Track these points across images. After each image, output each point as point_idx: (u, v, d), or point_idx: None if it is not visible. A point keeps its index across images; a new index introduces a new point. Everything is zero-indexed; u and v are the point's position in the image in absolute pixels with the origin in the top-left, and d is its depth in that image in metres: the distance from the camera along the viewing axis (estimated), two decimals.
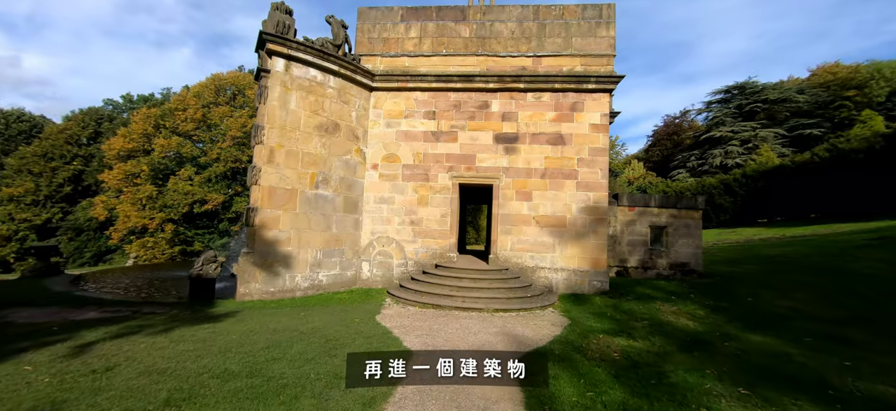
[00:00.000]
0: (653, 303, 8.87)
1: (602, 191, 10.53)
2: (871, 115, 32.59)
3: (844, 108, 39.14)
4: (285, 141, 9.66)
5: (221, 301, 9.16)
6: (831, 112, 39.49)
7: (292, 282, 9.67)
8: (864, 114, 33.08)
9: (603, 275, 10.31)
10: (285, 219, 9.60)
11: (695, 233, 12.17)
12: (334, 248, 10.43)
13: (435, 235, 10.91)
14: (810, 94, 38.97)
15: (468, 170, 10.94)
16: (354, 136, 10.93)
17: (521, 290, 9.38)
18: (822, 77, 41.74)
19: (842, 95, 39.42)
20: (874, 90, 38.45)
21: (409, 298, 9.00)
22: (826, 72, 41.93)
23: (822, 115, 39.19)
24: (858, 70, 40.26)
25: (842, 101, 39.26)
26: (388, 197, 11.12)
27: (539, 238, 10.60)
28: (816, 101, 39.30)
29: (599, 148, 10.63)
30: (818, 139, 37.41)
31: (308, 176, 9.97)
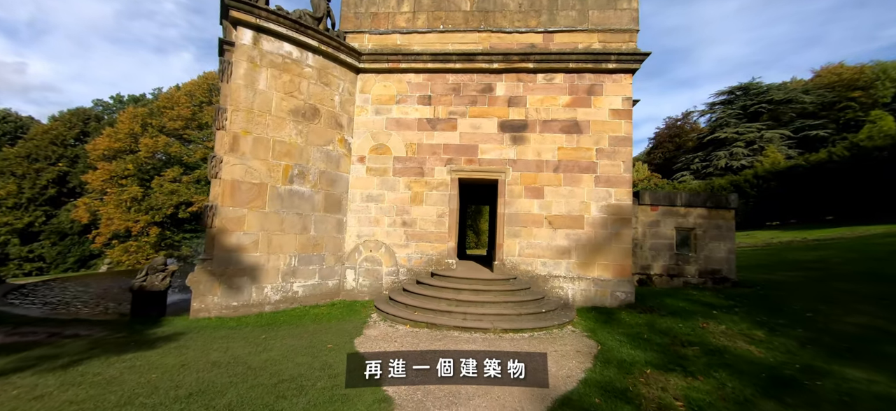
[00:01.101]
0: (694, 320, 7.17)
1: (625, 187, 8.87)
2: (882, 115, 31.07)
3: (849, 109, 37.76)
4: (253, 126, 7.98)
5: (170, 319, 7.43)
6: (836, 113, 38.09)
7: (260, 295, 7.94)
8: (873, 114, 31.55)
9: (628, 286, 8.62)
10: (252, 220, 7.90)
11: (727, 235, 10.50)
12: (312, 254, 8.72)
13: (430, 238, 9.21)
14: (816, 94, 37.53)
15: (469, 164, 9.27)
16: (337, 124, 9.25)
17: (533, 304, 7.67)
18: (827, 78, 40.37)
19: (847, 96, 38.04)
20: (880, 91, 37.08)
21: (398, 314, 7.29)
22: (830, 73, 40.57)
23: (827, 117, 37.78)
24: (863, 71, 38.92)
25: (847, 101, 37.88)
26: (377, 194, 9.43)
27: (552, 241, 8.91)
28: (821, 102, 37.88)
29: (621, 137, 8.97)
30: (824, 140, 36.00)
31: (280, 168, 8.27)
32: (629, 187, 8.87)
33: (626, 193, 8.85)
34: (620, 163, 8.92)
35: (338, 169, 9.23)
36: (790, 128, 36.89)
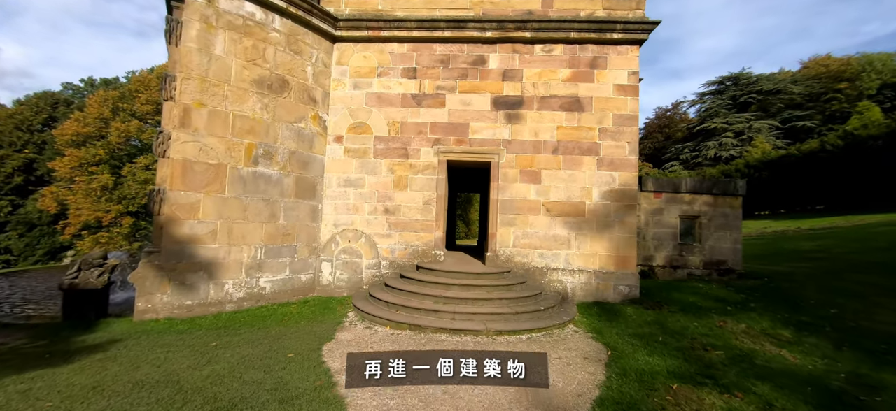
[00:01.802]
0: (709, 318, 6.36)
1: (630, 171, 7.97)
2: (869, 106, 30.94)
3: (835, 101, 37.72)
4: (208, 98, 6.79)
5: (111, 321, 6.30)
6: (822, 105, 38.03)
7: (219, 293, 6.85)
8: (861, 106, 31.40)
9: (632, 278, 7.77)
10: (208, 207, 6.76)
11: (734, 224, 9.74)
12: (282, 245, 7.63)
13: (416, 227, 8.20)
14: (804, 85, 37.36)
15: (459, 144, 8.24)
16: (310, 99, 8.10)
17: (530, 301, 6.76)
18: (814, 69, 40.24)
19: (833, 88, 37.97)
20: (866, 82, 37.04)
21: (378, 314, 6.29)
22: (818, 64, 40.44)
23: (814, 108, 37.69)
24: (850, 63, 38.85)
25: (833, 93, 37.82)
26: (356, 178, 8.35)
27: (550, 230, 7.99)
28: (809, 93, 37.76)
29: (627, 115, 8.04)
30: (810, 131, 35.93)
31: (242, 147, 7.13)
32: (635, 171, 7.98)
33: (632, 177, 7.96)
34: (625, 144, 8.00)
35: (311, 149, 8.11)
36: (778, 119, 36.69)
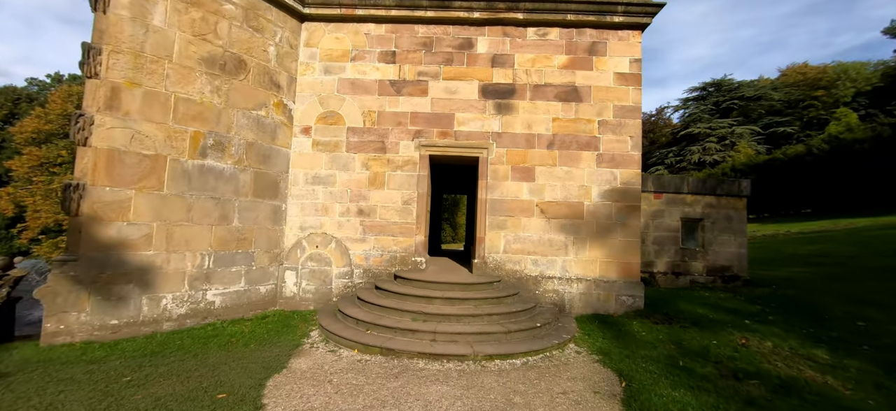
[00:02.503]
0: (728, 334, 5.48)
1: (633, 168, 7.10)
2: (846, 112, 31.31)
3: (813, 108, 38.36)
4: (143, 76, 5.62)
5: (12, 347, 5.03)
6: (801, 111, 38.64)
7: (154, 309, 5.64)
8: (839, 112, 31.80)
9: (636, 288, 6.88)
10: (142, 205, 5.57)
11: (738, 227, 9.01)
12: (236, 251, 6.47)
13: (394, 231, 7.14)
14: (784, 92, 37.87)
15: (443, 137, 7.25)
16: (273, 84, 6.99)
17: (523, 316, 5.77)
18: (792, 77, 40.95)
19: (811, 95, 38.63)
20: (841, 90, 37.76)
21: (345, 335, 5.21)
22: (795, 72, 41.17)
23: (793, 114, 38.24)
24: (826, 71, 39.63)
25: (811, 100, 38.46)
26: (326, 175, 7.26)
27: (545, 234, 7.04)
28: (788, 99, 38.31)
29: (629, 107, 7.19)
30: (790, 136, 36.38)
31: (187, 136, 5.96)
32: (638, 168, 7.12)
33: (635, 175, 7.09)
34: (627, 138, 7.14)
35: (273, 141, 6.98)
36: (759, 125, 37.02)
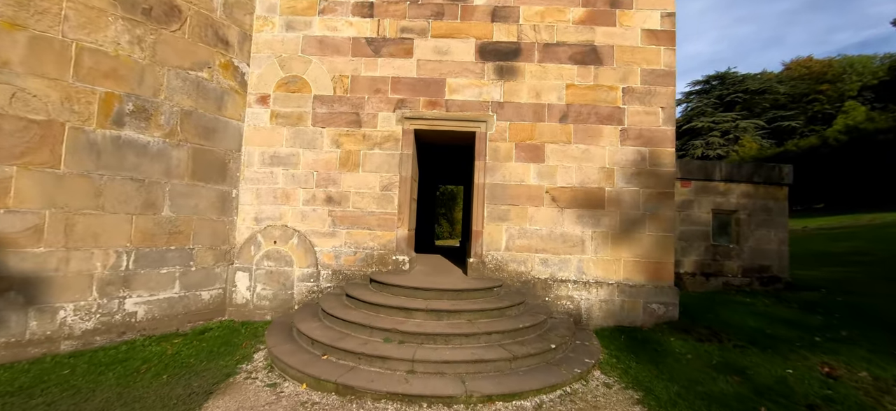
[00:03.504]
0: (801, 358, 4.09)
1: (666, 145, 5.69)
2: (855, 105, 30.03)
3: (817, 102, 37.08)
4: (29, 17, 4.16)
5: None
6: (805, 105, 37.34)
7: (47, 324, 4.20)
8: (847, 105, 30.51)
9: (669, 294, 5.49)
10: (28, 188, 4.12)
11: (778, 220, 7.62)
12: (167, 248, 5.03)
13: (370, 223, 5.72)
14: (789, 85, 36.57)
15: (432, 108, 5.81)
16: (220, 40, 5.53)
17: (532, 334, 4.36)
18: (796, 71, 39.64)
19: (816, 89, 37.34)
20: (847, 84, 36.45)
21: (293, 364, 3.79)
22: (800, 66, 39.87)
23: (797, 108, 36.94)
24: (831, 64, 38.35)
25: (816, 94, 37.17)
26: (288, 154, 5.81)
27: (557, 227, 5.63)
28: (793, 93, 37.01)
29: (661, 71, 5.77)
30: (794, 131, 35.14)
31: (96, 98, 4.50)
32: (671, 145, 5.70)
33: (668, 154, 5.68)
34: (658, 109, 5.72)
35: (220, 111, 5.52)
36: (763, 119, 35.69)
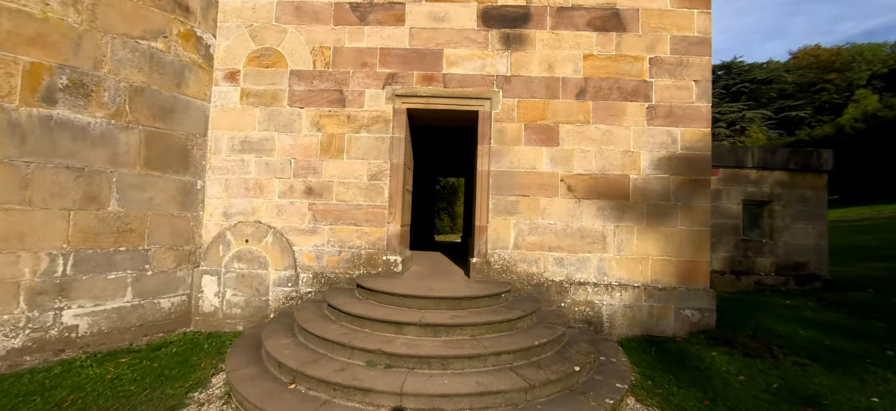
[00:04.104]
0: (881, 379, 3.29)
1: (701, 125, 4.85)
2: (866, 94, 29.06)
3: (825, 91, 36.05)
4: None
5: None
6: (813, 95, 36.30)
7: None
8: (858, 94, 29.54)
9: (705, 298, 4.69)
10: None
11: (817, 212, 6.78)
12: (115, 249, 4.22)
13: (357, 218, 4.91)
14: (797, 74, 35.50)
15: (427, 83, 4.97)
16: (177, 4, 4.68)
17: (551, 352, 3.56)
18: (804, 59, 38.54)
19: (824, 78, 36.28)
20: (856, 72, 35.38)
21: (251, 396, 2.99)
22: (807, 54, 38.76)
23: (804, 98, 35.91)
24: (839, 53, 37.25)
25: (823, 83, 36.12)
26: (261, 139, 4.99)
27: (574, 221, 4.82)
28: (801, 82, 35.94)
29: (694, 38, 4.92)
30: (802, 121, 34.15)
31: (18, 70, 3.68)
32: (707, 126, 4.87)
33: (703, 136, 4.84)
34: (691, 83, 4.88)
35: (179, 89, 4.69)
36: (771, 109, 34.70)
